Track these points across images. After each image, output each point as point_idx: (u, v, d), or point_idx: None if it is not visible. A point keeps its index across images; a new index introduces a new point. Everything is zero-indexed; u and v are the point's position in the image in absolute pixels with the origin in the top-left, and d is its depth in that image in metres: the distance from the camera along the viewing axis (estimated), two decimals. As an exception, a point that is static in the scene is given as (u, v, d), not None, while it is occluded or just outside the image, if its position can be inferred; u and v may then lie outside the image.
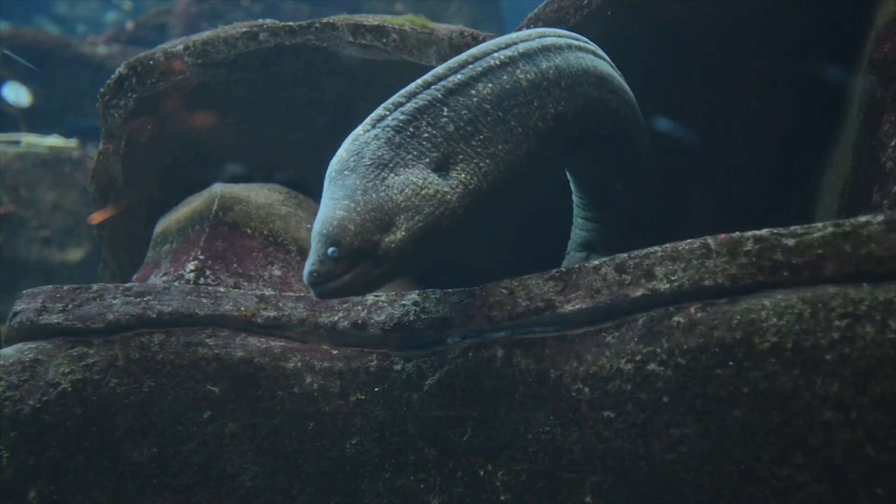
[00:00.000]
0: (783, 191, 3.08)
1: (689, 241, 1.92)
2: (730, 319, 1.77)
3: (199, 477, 2.17)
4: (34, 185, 6.96)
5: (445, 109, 2.08)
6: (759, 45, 2.91)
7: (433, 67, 2.20)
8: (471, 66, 2.14)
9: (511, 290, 2.11)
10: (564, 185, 2.80)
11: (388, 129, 2.05)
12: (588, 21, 2.91)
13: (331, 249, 1.92)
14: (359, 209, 1.95)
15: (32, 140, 7.20)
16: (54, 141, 7.27)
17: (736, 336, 1.75)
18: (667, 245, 1.95)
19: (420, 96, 2.09)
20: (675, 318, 1.84)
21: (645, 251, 1.97)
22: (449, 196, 2.02)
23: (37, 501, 2.14)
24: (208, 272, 2.82)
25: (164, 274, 2.90)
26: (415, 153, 2.04)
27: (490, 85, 2.13)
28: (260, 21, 3.23)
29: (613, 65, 2.54)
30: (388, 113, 2.08)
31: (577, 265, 2.08)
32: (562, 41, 2.32)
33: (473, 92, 2.12)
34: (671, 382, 1.80)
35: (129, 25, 10.38)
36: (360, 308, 2.24)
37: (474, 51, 2.19)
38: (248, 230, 3.00)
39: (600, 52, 2.50)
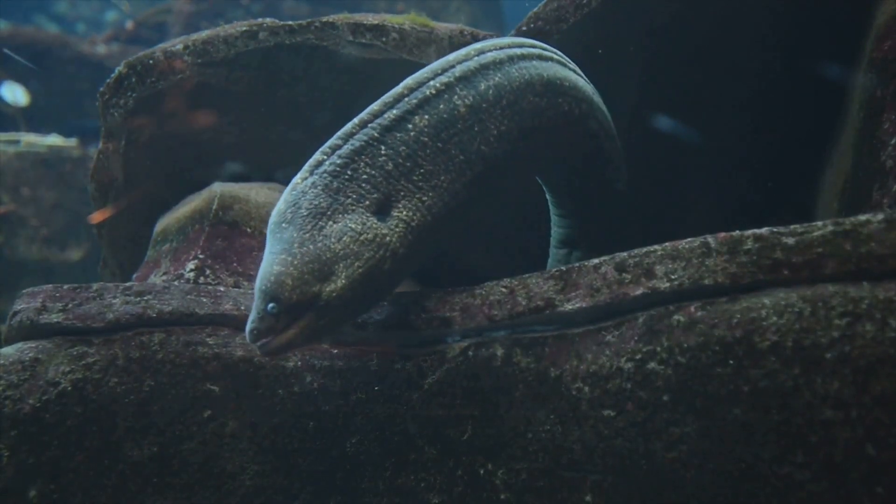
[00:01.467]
0: (783, 189, 3.08)
1: (689, 239, 1.92)
2: (730, 318, 1.77)
3: (200, 476, 2.17)
4: (34, 184, 6.96)
5: (383, 148, 2.07)
6: (758, 43, 2.91)
7: (433, 66, 2.19)
8: (406, 100, 2.12)
9: (511, 289, 2.11)
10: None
11: (325, 175, 2.04)
12: (587, 20, 2.91)
13: (270, 305, 1.92)
14: (296, 262, 1.94)
15: (32, 139, 7.20)
16: (54, 140, 7.27)
17: (736, 335, 1.75)
18: (667, 244, 1.95)
19: (356, 137, 2.07)
20: (676, 317, 1.84)
21: (645, 250, 1.97)
22: (388, 238, 2.02)
23: (37, 500, 2.14)
24: (208, 271, 2.82)
25: (164, 273, 2.90)
26: (354, 197, 2.03)
27: (427, 116, 2.11)
28: (260, 20, 3.23)
29: (566, 61, 2.49)
30: (325, 158, 2.07)
31: (577, 265, 2.08)
32: (502, 54, 2.27)
33: (410, 126, 2.09)
34: (671, 381, 1.80)
35: (129, 25, 10.38)
36: (360, 307, 2.24)
37: (409, 81, 2.17)
38: (248, 229, 3.00)
39: (549, 51, 2.44)
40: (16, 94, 8.36)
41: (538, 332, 2.04)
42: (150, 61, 3.21)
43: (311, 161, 2.09)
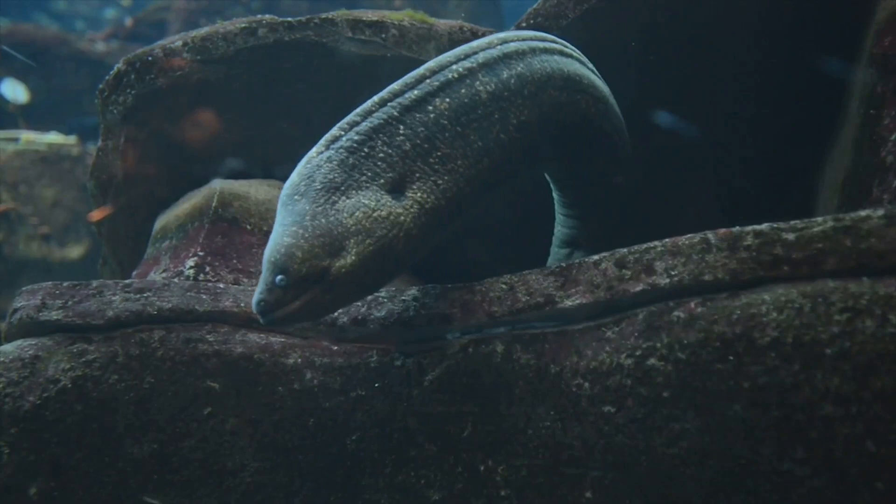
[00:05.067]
0: (783, 185, 3.08)
1: (689, 236, 1.92)
2: (730, 314, 1.77)
3: (200, 473, 2.17)
4: (34, 182, 6.96)
5: (402, 127, 2.05)
6: (759, 39, 2.90)
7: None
8: (428, 81, 2.11)
9: (511, 286, 2.11)
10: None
11: (341, 150, 2.02)
12: (587, 16, 2.91)
13: (279, 277, 1.90)
14: (306, 235, 1.92)
15: (31, 137, 7.20)
16: (53, 138, 7.27)
17: (736, 331, 1.75)
18: (667, 240, 1.95)
19: (375, 115, 2.06)
20: (676, 313, 1.84)
21: (645, 246, 1.97)
22: (403, 217, 2.00)
23: (37, 497, 2.14)
24: (208, 268, 2.82)
25: (164, 270, 2.90)
26: (369, 174, 2.01)
27: (448, 100, 2.10)
28: (259, 17, 3.23)
29: (584, 59, 2.49)
30: (342, 133, 2.05)
31: (577, 261, 2.08)
32: (525, 46, 2.27)
33: (430, 108, 2.08)
34: (671, 377, 1.80)
35: (128, 22, 10.38)
36: (360, 304, 2.24)
37: (432, 64, 2.16)
38: (248, 226, 3.00)
39: (569, 48, 2.45)
40: (16, 92, 8.36)
41: (538, 329, 2.05)
42: (150, 58, 3.21)
43: (328, 136, 2.07)
